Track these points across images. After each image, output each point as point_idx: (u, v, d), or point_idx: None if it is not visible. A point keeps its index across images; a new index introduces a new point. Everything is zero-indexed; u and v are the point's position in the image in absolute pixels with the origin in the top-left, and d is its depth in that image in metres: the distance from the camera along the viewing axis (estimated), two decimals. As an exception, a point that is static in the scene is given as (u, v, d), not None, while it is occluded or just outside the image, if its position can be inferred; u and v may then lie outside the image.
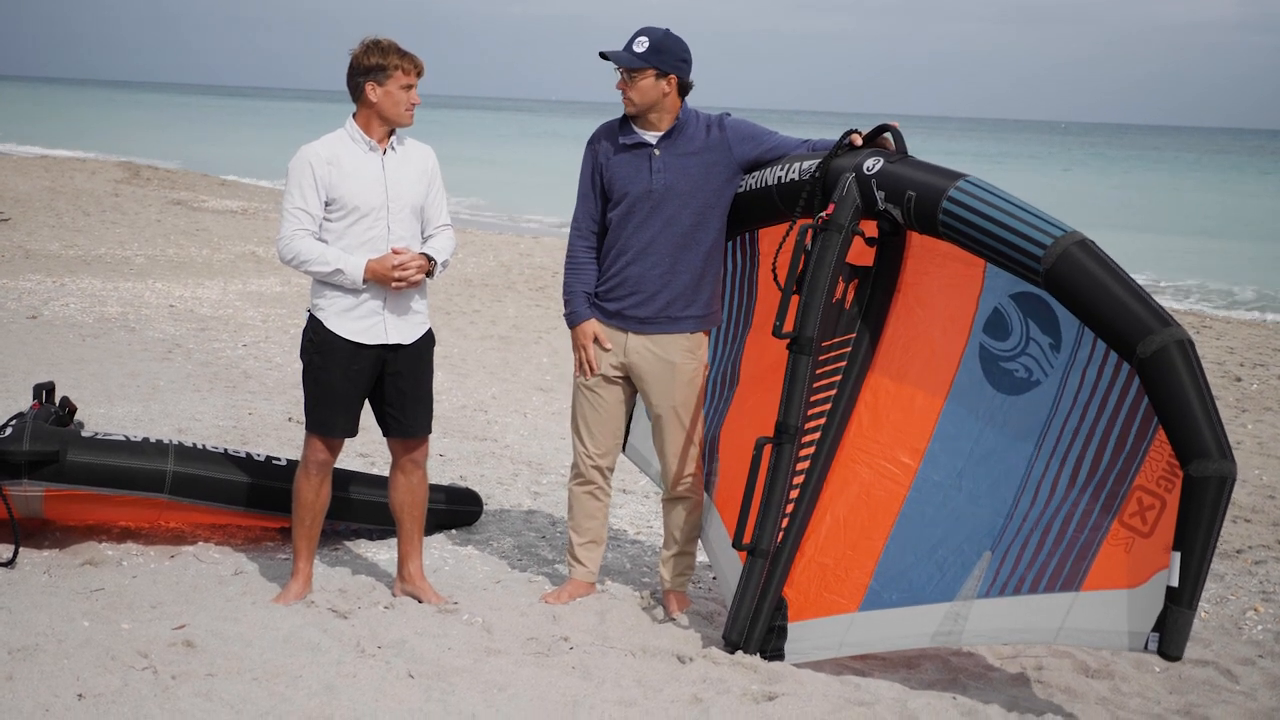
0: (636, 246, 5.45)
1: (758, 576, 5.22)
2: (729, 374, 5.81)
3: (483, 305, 14.59)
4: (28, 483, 5.81)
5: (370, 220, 5.37)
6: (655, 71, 5.38)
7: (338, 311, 5.40)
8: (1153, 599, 4.37)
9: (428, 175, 5.52)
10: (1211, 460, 4.23)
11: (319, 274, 5.36)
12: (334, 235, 5.37)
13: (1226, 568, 6.82)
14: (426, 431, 5.65)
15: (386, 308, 5.43)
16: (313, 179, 5.33)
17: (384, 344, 5.44)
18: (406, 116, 5.41)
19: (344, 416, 5.50)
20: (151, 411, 8.78)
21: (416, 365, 5.55)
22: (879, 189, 5.00)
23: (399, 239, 5.41)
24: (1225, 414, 10.69)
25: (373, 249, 5.37)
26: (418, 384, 5.56)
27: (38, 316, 12.22)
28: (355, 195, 5.35)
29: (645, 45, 5.39)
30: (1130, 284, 4.44)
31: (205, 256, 17.22)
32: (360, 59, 5.36)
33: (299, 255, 5.34)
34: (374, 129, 5.40)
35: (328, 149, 5.38)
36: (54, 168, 29.07)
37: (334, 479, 6.26)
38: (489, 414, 9.53)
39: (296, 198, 5.36)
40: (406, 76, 5.37)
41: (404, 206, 5.43)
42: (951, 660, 5.38)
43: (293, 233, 5.36)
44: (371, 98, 5.35)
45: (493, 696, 4.73)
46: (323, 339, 5.42)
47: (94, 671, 4.65)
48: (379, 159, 5.40)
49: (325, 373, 5.43)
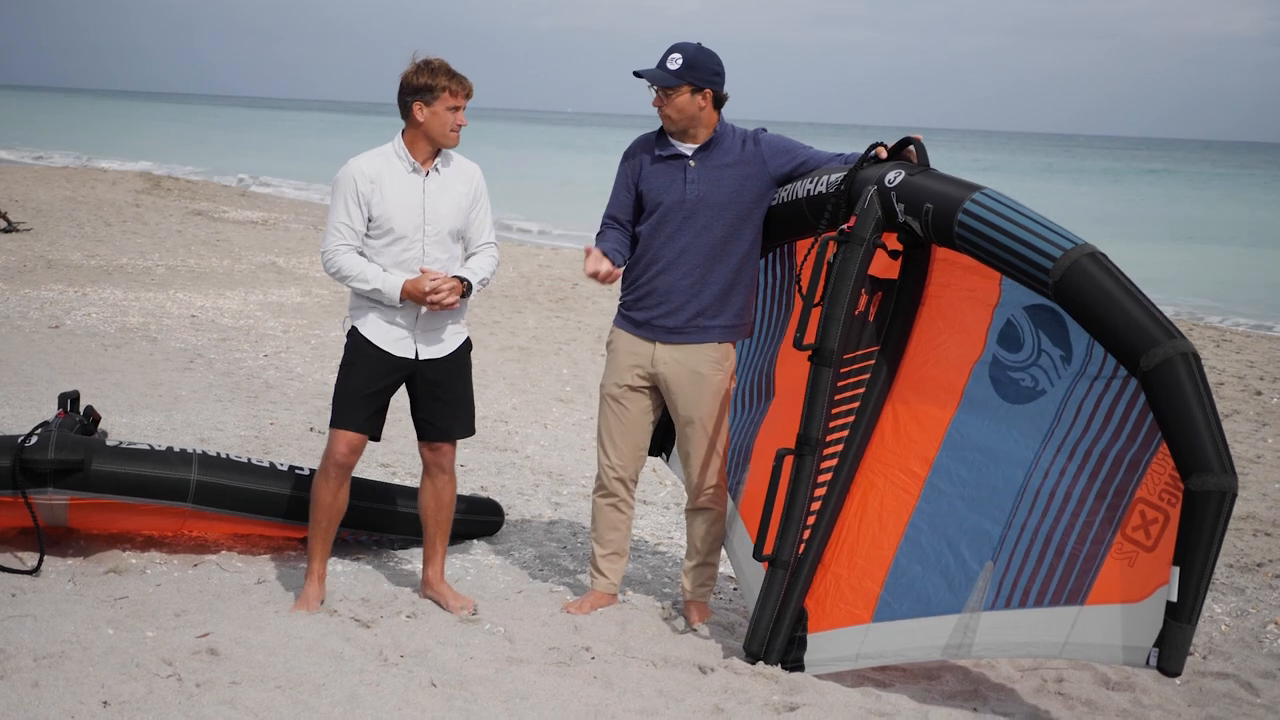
0: (668, 256, 5.48)
1: (778, 587, 5.23)
2: (764, 385, 5.82)
3: (502, 316, 14.61)
4: (53, 491, 5.84)
5: (406, 243, 5.42)
6: (690, 87, 5.40)
7: (373, 321, 5.48)
8: (1155, 614, 4.36)
9: (471, 196, 5.55)
10: (1212, 474, 4.22)
11: (359, 289, 5.43)
12: (372, 252, 5.44)
13: (1247, 581, 6.81)
14: (466, 433, 5.71)
15: (418, 327, 5.48)
16: (356, 194, 5.39)
17: (413, 358, 5.50)
18: (452, 138, 5.45)
19: (362, 411, 5.52)
20: (174, 421, 8.82)
21: (452, 372, 5.60)
22: (899, 201, 5.02)
23: (434, 261, 5.45)
24: (1245, 428, 10.67)
25: (409, 269, 5.43)
26: (452, 391, 5.60)
27: (60, 326, 12.28)
28: (392, 217, 5.40)
29: (679, 62, 5.40)
30: (1138, 296, 4.45)
31: (226, 267, 17.28)
32: (410, 78, 5.40)
33: (341, 270, 5.42)
34: (419, 149, 5.45)
35: (372, 166, 5.43)
36: (75, 178, 29.17)
37: (366, 491, 6.31)
38: (509, 425, 9.55)
39: (340, 212, 5.42)
40: (454, 98, 5.40)
41: (440, 230, 5.46)
42: (972, 672, 5.38)
43: (336, 247, 5.42)
44: (419, 117, 5.39)
45: (515, 705, 4.75)
46: (359, 341, 5.50)
47: (119, 679, 4.67)
48: (420, 181, 5.44)
49: (354, 369, 5.51)
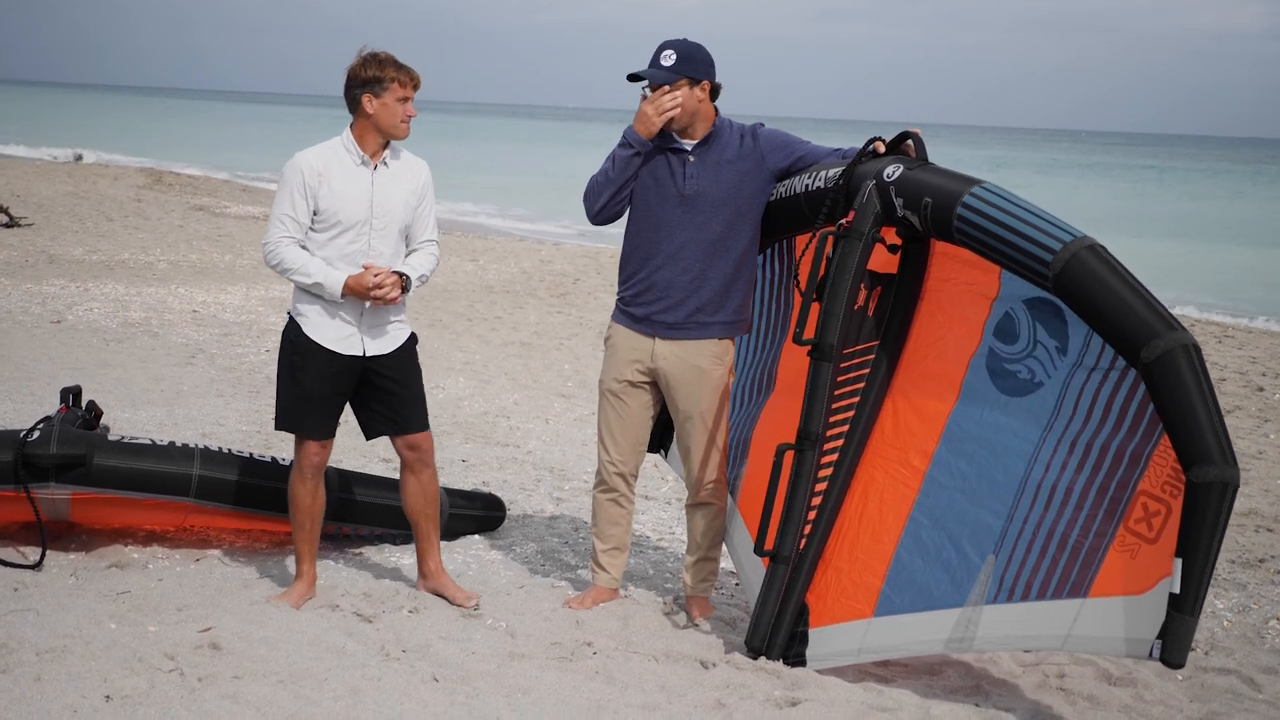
0: (667, 251, 5.47)
1: (779, 582, 5.23)
2: (763, 379, 5.82)
3: (504, 312, 14.62)
4: (55, 486, 5.84)
5: (352, 235, 5.38)
6: (689, 81, 5.40)
7: (316, 318, 5.43)
8: (1157, 606, 4.36)
9: (418, 192, 5.52)
10: (1214, 465, 4.22)
11: (300, 283, 5.39)
12: (316, 245, 5.39)
13: (1249, 577, 6.81)
14: (423, 426, 5.64)
15: (363, 323, 5.44)
16: (303, 186, 5.35)
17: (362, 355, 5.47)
18: (402, 129, 5.42)
19: (318, 417, 5.48)
20: (175, 416, 8.83)
21: (400, 368, 5.55)
22: (897, 195, 5.01)
23: (379, 255, 5.42)
24: (1248, 424, 10.67)
25: (352, 263, 5.38)
26: (405, 385, 5.56)
27: (61, 321, 12.28)
28: (340, 210, 5.36)
29: (673, 58, 5.39)
30: (1138, 288, 4.44)
31: (228, 262, 17.28)
32: (357, 70, 5.37)
33: (283, 262, 5.37)
34: (368, 142, 5.42)
35: (319, 159, 5.39)
36: (77, 173, 29.18)
37: (356, 482, 6.32)
38: (511, 420, 9.55)
39: (285, 204, 5.38)
40: (403, 89, 5.38)
41: (388, 224, 5.43)
42: (974, 667, 5.38)
43: (279, 239, 5.38)
44: (368, 109, 5.36)
45: (516, 700, 4.75)
46: (303, 343, 5.44)
47: (121, 673, 4.68)
48: (369, 174, 5.41)
49: (303, 373, 5.44)
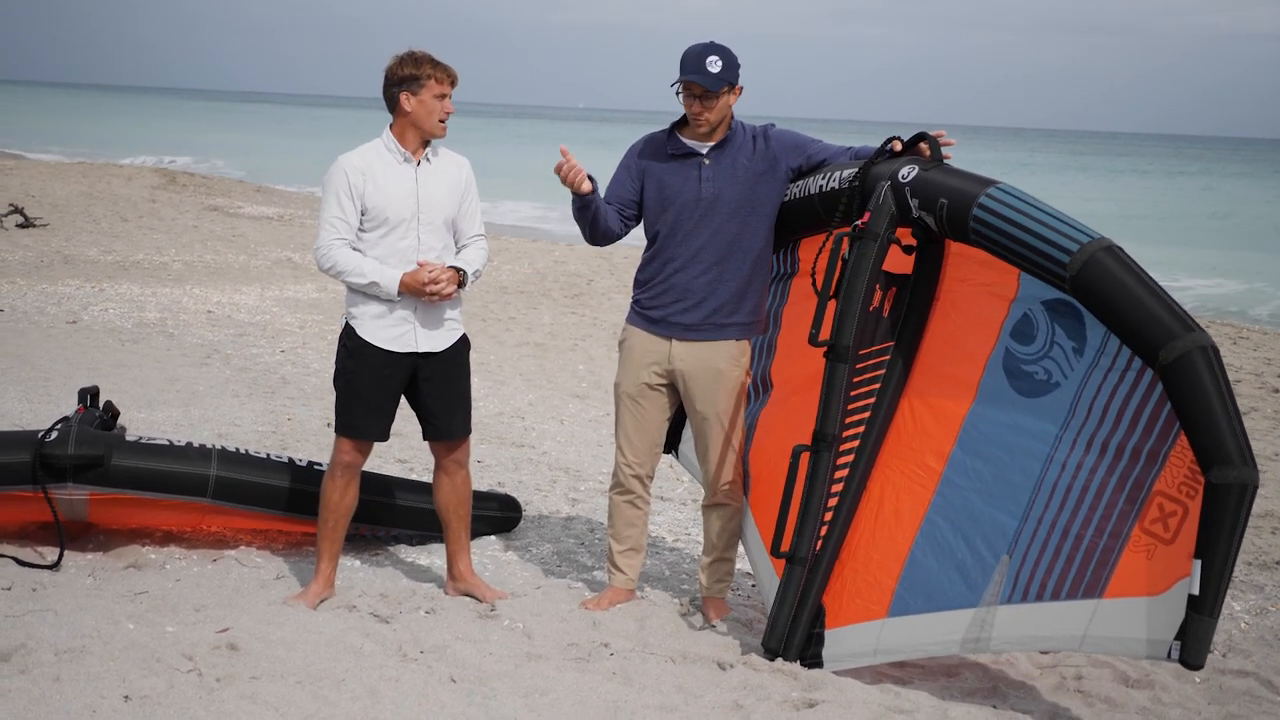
0: (684, 255, 5.46)
1: (796, 584, 5.22)
2: (761, 380, 5.82)
3: (518, 312, 14.63)
4: (73, 486, 5.86)
5: (401, 231, 5.42)
6: (728, 87, 5.40)
7: (371, 318, 5.47)
8: (1175, 607, 4.36)
9: (461, 187, 5.56)
10: (1233, 467, 4.22)
11: (355, 284, 5.43)
12: (367, 245, 5.44)
13: (1266, 579, 6.79)
14: (464, 433, 5.72)
15: (417, 317, 5.48)
16: (348, 188, 5.40)
17: (415, 352, 5.50)
18: (440, 128, 5.46)
19: (374, 419, 5.55)
20: (191, 416, 8.85)
21: (450, 371, 5.60)
22: (913, 196, 5.01)
23: (429, 250, 5.46)
24: (1264, 425, 10.63)
25: (403, 260, 5.43)
26: (452, 388, 5.62)
27: (77, 321, 12.32)
28: (386, 207, 5.40)
29: (719, 64, 5.35)
30: (1156, 289, 4.44)
31: (242, 262, 17.32)
32: (395, 69, 5.42)
33: (336, 265, 5.41)
34: (408, 140, 5.46)
35: (362, 159, 5.45)
36: (91, 173, 29.23)
37: (376, 485, 6.32)
38: (526, 421, 9.55)
39: (333, 207, 5.42)
40: (440, 86, 5.42)
41: (435, 219, 5.47)
42: (992, 669, 5.37)
43: (330, 242, 5.42)
44: (406, 107, 5.41)
45: (534, 701, 4.76)
46: (356, 345, 5.49)
47: (140, 673, 4.69)
48: (412, 170, 5.45)
49: (357, 376, 5.50)
